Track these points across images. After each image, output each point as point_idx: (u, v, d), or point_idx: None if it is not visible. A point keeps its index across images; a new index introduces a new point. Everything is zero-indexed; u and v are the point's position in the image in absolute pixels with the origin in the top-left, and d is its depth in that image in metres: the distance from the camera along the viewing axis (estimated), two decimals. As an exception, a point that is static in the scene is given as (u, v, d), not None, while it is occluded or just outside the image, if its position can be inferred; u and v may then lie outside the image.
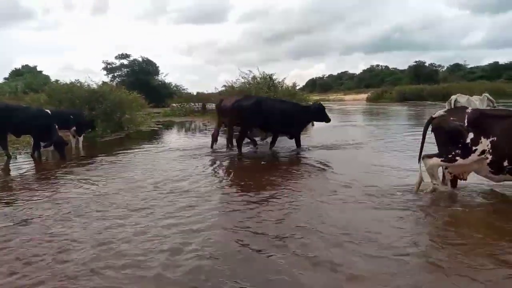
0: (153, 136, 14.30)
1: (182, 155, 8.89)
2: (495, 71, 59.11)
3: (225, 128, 10.40)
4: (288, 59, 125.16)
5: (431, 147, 5.10)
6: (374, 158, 7.70)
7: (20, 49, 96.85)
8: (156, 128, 17.50)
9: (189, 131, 16.85)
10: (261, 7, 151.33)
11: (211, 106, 24.75)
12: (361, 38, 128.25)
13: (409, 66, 63.75)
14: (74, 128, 10.61)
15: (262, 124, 9.17)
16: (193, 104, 26.43)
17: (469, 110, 4.79)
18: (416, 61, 62.33)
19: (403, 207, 4.40)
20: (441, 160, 4.74)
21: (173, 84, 39.75)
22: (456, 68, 65.43)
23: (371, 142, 10.27)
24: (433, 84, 44.77)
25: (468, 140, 4.56)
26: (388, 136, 11.28)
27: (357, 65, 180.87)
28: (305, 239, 3.57)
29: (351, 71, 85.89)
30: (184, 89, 35.61)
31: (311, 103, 9.86)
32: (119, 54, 41.47)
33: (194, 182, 5.99)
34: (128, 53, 41.45)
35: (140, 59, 41.41)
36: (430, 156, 4.84)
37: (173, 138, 13.73)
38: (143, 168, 7.37)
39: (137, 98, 18.52)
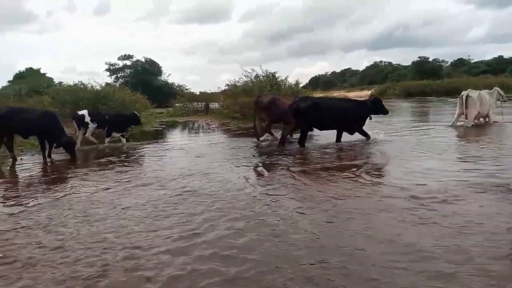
0: (157, 136, 14.29)
1: (187, 154, 8.92)
2: (500, 65, 58.68)
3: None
4: (290, 57, 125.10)
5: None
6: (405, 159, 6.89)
7: (24, 52, 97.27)
8: (160, 128, 17.50)
9: (192, 131, 16.85)
10: (263, 6, 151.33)
11: (214, 105, 24.86)
12: (364, 35, 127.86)
13: (413, 62, 63.25)
14: (106, 128, 11.16)
15: (319, 123, 9.33)
16: (196, 103, 26.46)
17: None
18: (419, 57, 61.82)
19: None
20: None
21: (176, 84, 39.83)
22: (460, 63, 64.99)
23: (390, 141, 9.38)
24: (436, 80, 44.43)
25: None
26: (407, 134, 10.53)
27: (360, 62, 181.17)
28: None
29: (354, 68, 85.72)
30: (187, 89, 35.67)
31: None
32: (122, 55, 41.66)
33: (199, 181, 5.96)
34: (131, 54, 41.59)
35: (143, 60, 41.61)
36: None
37: (177, 138, 13.74)
38: (148, 168, 7.39)
39: (141, 98, 18.61)
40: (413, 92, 40.43)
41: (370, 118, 9.57)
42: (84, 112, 11.03)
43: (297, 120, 9.22)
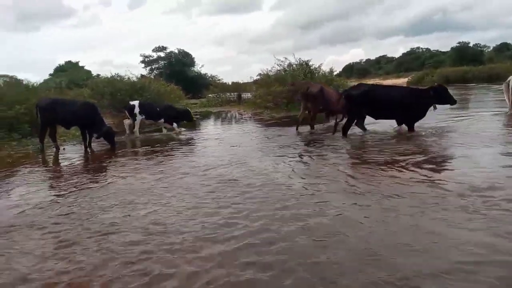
0: (191, 126, 14.45)
1: (221, 144, 8.98)
2: (548, 49, 55.19)
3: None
4: (323, 45, 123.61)
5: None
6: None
7: (63, 46, 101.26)
8: (194, 119, 17.65)
9: (225, 121, 16.92)
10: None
11: (246, 95, 24.87)
12: (400, 20, 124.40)
13: (452, 48, 60.75)
14: (163, 120, 11.50)
15: (371, 112, 8.92)
16: (228, 94, 26.58)
17: None
18: (459, 42, 59.34)
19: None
20: None
21: (209, 75, 40.09)
22: (504, 48, 61.64)
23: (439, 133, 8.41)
24: (478, 66, 42.39)
25: None
26: (452, 123, 9.72)
27: (396, 49, 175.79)
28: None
29: (389, 55, 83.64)
30: (219, 80, 35.86)
31: (435, 85, 9.13)
32: (156, 47, 42.28)
33: (236, 171, 5.95)
34: (164, 46, 42.15)
35: (176, 51, 42.03)
36: None
37: (211, 128, 13.85)
38: (184, 158, 7.50)
39: (175, 89, 18.89)
40: (452, 79, 38.69)
41: (435, 108, 8.92)
42: (135, 102, 11.31)
43: (348, 108, 8.91)
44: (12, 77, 21.04)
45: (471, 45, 59.06)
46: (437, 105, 8.91)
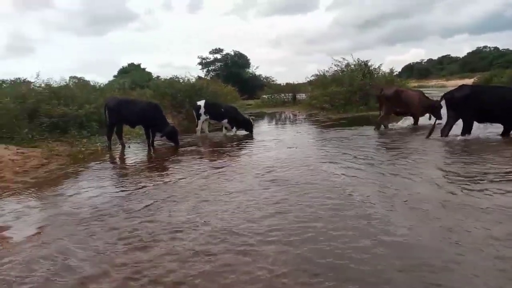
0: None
1: (277, 145, 8.95)
2: None
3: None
4: (381, 45, 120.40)
5: None
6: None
7: (126, 48, 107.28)
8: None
9: (279, 122, 16.88)
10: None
11: (301, 96, 24.70)
12: (466, 17, 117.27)
13: (524, 46, 56.39)
14: (226, 120, 11.56)
15: (476, 115, 8.25)
16: (283, 95, 26.56)
17: None
18: (533, 40, 54.97)
19: None
20: None
21: (263, 76, 40.25)
22: None
23: None
24: (556, 65, 38.84)
25: None
26: None
27: (460, 48, 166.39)
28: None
29: (453, 54, 79.70)
30: (273, 81, 35.90)
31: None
32: (213, 49, 43.17)
33: (298, 173, 5.90)
34: (221, 48, 42.97)
35: (232, 53, 42.67)
36: None
37: (265, 128, 13.81)
38: (242, 158, 7.60)
39: (232, 90, 19.22)
40: (525, 81, 35.67)
41: None
42: (201, 102, 11.58)
43: (450, 111, 8.47)
44: (81, 79, 22.63)
45: (547, 42, 54.44)
46: None
